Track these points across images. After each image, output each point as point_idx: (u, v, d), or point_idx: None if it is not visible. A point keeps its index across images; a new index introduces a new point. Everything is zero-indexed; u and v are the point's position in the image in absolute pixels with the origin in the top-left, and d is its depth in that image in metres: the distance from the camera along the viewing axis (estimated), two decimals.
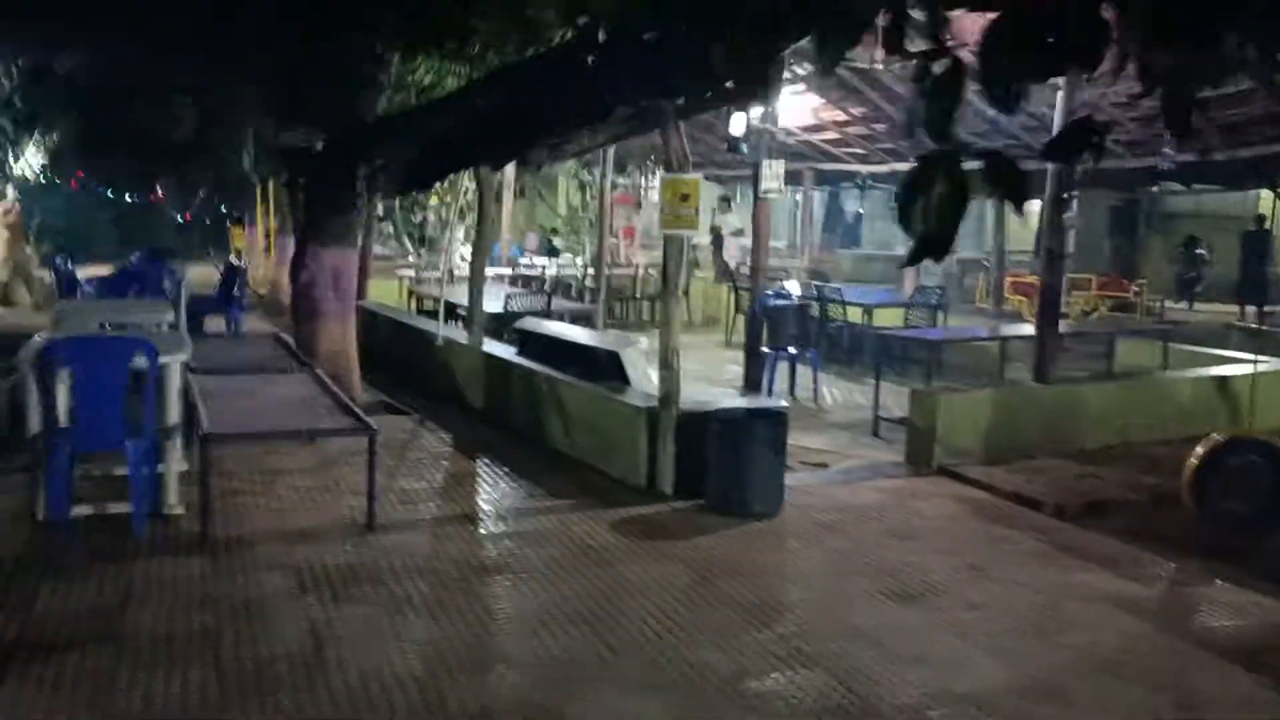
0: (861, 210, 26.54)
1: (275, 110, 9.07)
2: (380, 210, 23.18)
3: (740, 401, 6.67)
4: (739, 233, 17.14)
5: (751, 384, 10.14)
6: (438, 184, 14.14)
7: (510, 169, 18.06)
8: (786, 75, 10.87)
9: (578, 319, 10.55)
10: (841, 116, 12.45)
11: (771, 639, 4.34)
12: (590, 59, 5.59)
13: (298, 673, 3.89)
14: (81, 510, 5.46)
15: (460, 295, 10.06)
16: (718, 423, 6.08)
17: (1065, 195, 7.34)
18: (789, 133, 12.17)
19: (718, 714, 3.68)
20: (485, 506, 6.17)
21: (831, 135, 13.19)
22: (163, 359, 5.41)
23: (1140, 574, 5.29)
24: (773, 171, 10.27)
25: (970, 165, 1.72)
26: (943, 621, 4.60)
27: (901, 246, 21.56)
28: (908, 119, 11.32)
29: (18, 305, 15.02)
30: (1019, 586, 5.06)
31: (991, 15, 1.66)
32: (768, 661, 4.12)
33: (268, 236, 17.50)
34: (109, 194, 28.48)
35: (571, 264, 16.87)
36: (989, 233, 15.88)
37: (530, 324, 8.77)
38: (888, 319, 11.81)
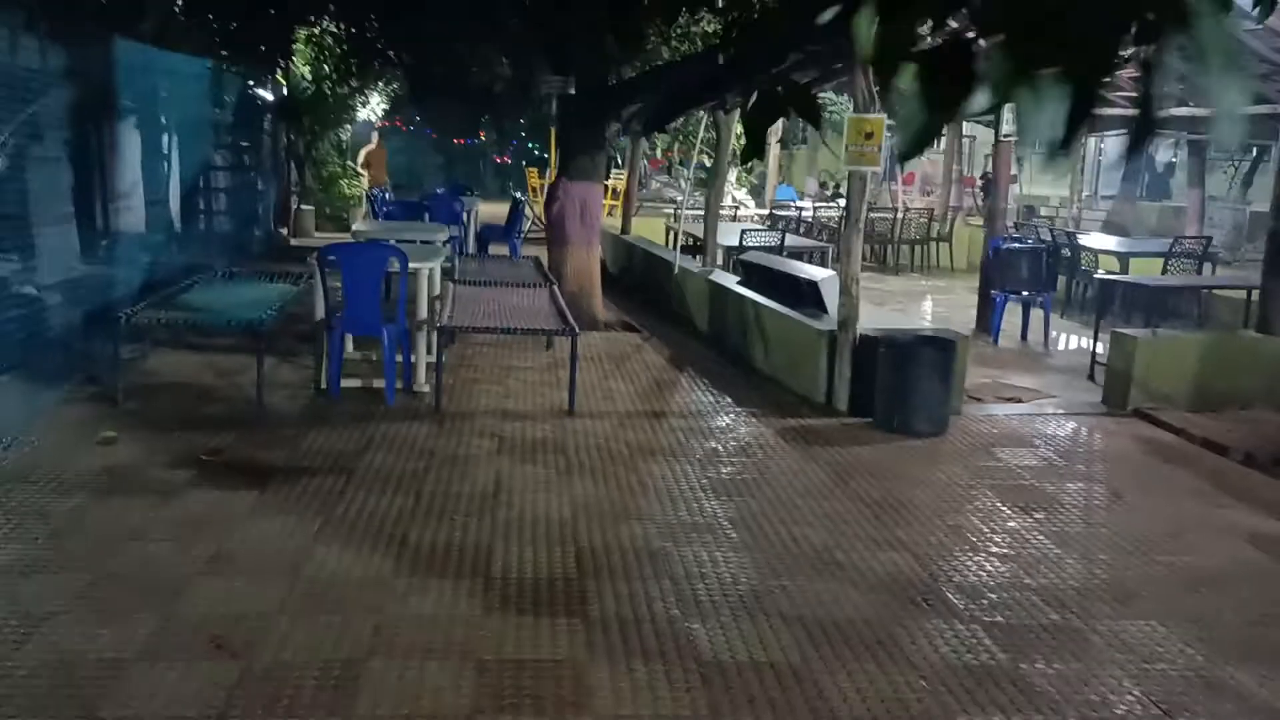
0: (1175, 159, 24.61)
1: (550, 66, 10.22)
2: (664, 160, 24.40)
3: (920, 331, 6.95)
4: (1014, 179, 16.73)
5: (984, 326, 10.26)
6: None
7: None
8: None
9: (802, 255, 11.03)
10: None
11: (875, 526, 4.85)
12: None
13: (476, 504, 4.89)
14: (351, 383, 6.83)
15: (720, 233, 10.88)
16: (886, 347, 6.51)
17: None
18: None
19: (793, 572, 4.28)
20: (674, 407, 6.97)
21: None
22: (413, 265, 6.61)
23: None
24: (1011, 114, 10.17)
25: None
26: (1051, 532, 4.89)
27: (1221, 202, 19.97)
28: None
29: None
30: (1151, 514, 5.20)
31: None
32: (862, 543, 4.65)
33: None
34: (438, 137, 31.80)
35: (836, 207, 17.18)
36: None
37: (752, 256, 9.42)
38: (1148, 268, 11.34)
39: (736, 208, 18.86)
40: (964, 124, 20.16)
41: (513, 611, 3.83)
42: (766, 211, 16.00)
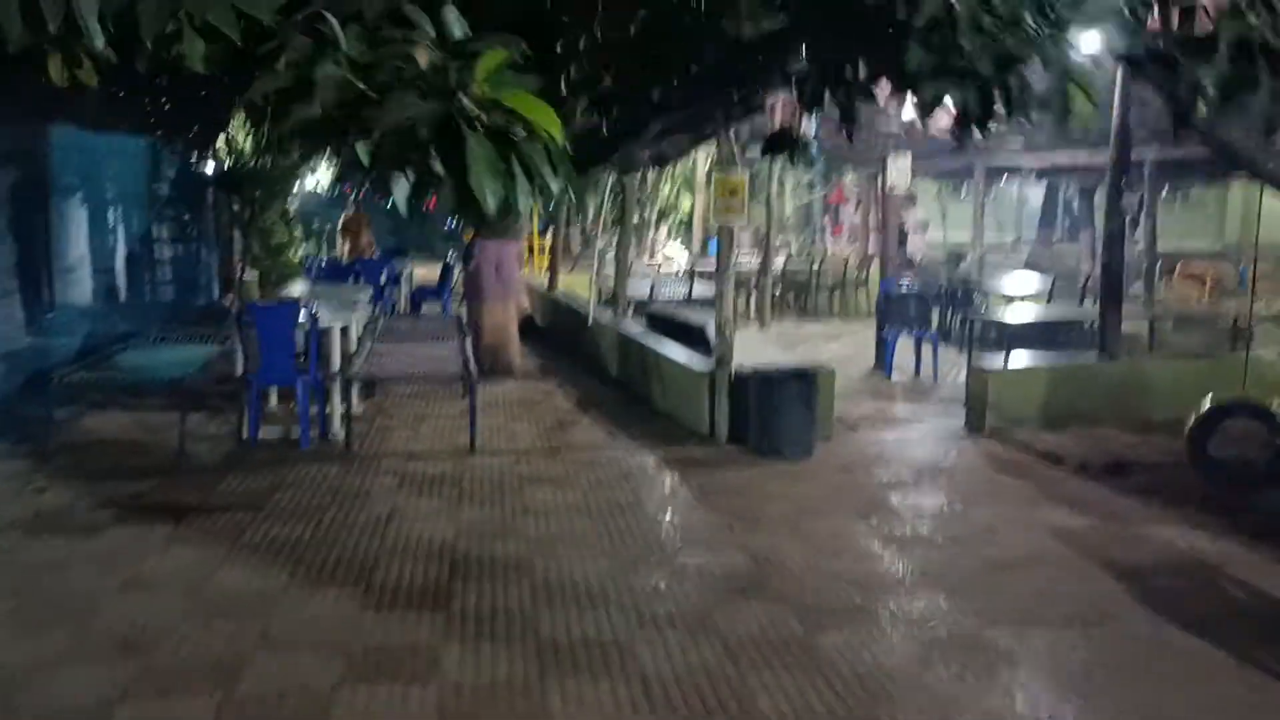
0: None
1: None
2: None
3: (785, 366, 7.66)
4: (925, 226, 17.68)
5: (880, 363, 11.02)
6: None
7: (701, 171, 19.51)
8: None
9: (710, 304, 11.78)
10: None
11: (724, 534, 5.50)
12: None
13: (370, 532, 5.48)
14: (272, 432, 7.41)
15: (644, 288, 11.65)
16: (755, 381, 7.21)
17: (1122, 187, 7.82)
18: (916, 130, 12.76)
19: (639, 571, 4.91)
20: (570, 443, 7.60)
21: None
22: (324, 323, 7.25)
23: (1103, 517, 5.92)
24: (898, 167, 11.08)
25: None
26: (881, 535, 5.56)
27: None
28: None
29: None
30: (975, 517, 5.89)
31: None
32: (707, 547, 5.29)
33: None
34: (387, 204, 32.66)
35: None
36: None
37: (655, 308, 10.17)
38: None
39: (662, 262, 19.67)
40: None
41: (385, 610, 4.42)
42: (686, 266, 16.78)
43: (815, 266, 16.71)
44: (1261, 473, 6.13)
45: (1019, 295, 12.57)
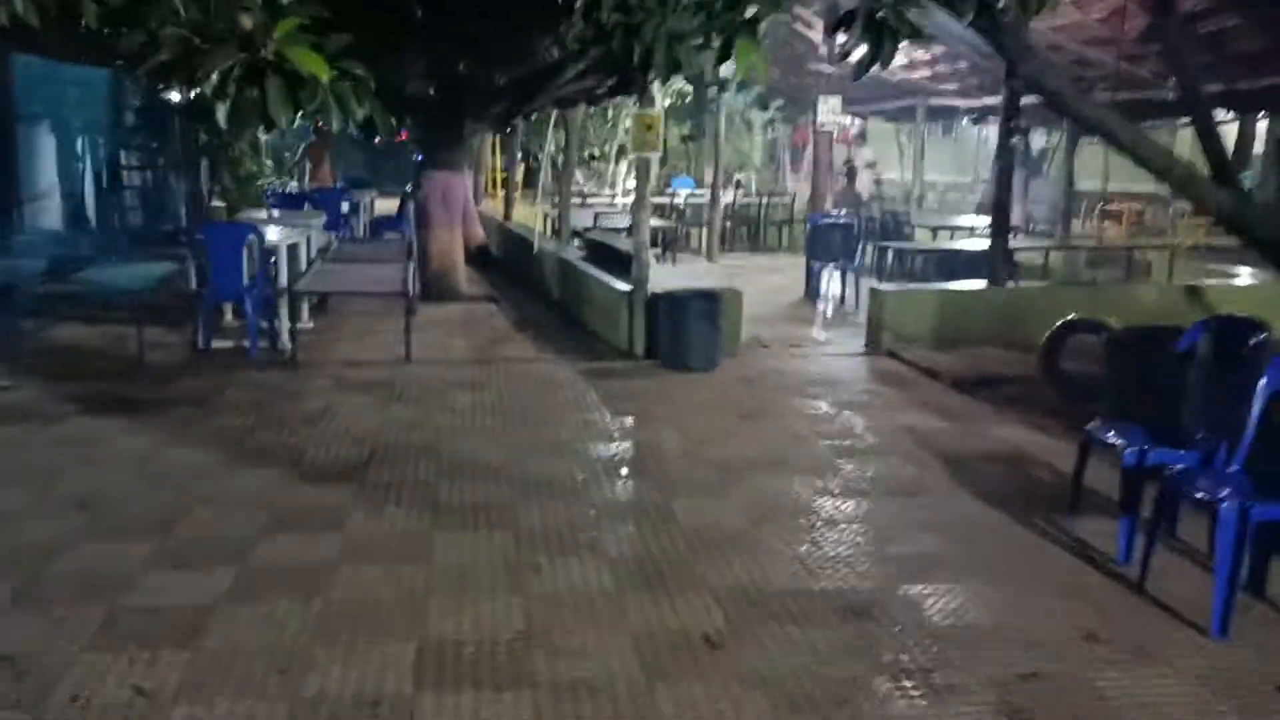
0: (1048, 145, 26.43)
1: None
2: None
3: (695, 287, 8.35)
4: (872, 165, 18.33)
5: (810, 292, 11.76)
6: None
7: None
8: None
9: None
10: (926, 55, 13.49)
11: (615, 429, 6.26)
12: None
13: (307, 423, 6.20)
14: (224, 343, 8.09)
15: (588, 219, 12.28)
16: (666, 301, 7.92)
17: (1011, 124, 8.50)
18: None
19: (535, 456, 5.67)
20: (499, 356, 8.32)
21: (925, 73, 14.22)
22: (270, 241, 7.90)
23: (955, 419, 6.70)
24: (828, 106, 11.71)
25: None
26: (751, 430, 6.32)
27: (1087, 180, 21.85)
28: None
29: None
30: (843, 419, 6.65)
31: None
32: (598, 438, 6.05)
33: None
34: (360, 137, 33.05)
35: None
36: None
37: (592, 235, 10.82)
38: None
39: (623, 195, 20.23)
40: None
41: (308, 483, 5.16)
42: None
43: (764, 202, 17.34)
44: (1098, 382, 6.90)
45: (945, 229, 13.27)
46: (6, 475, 5.15)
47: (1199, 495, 3.82)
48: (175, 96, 16.56)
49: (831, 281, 11.64)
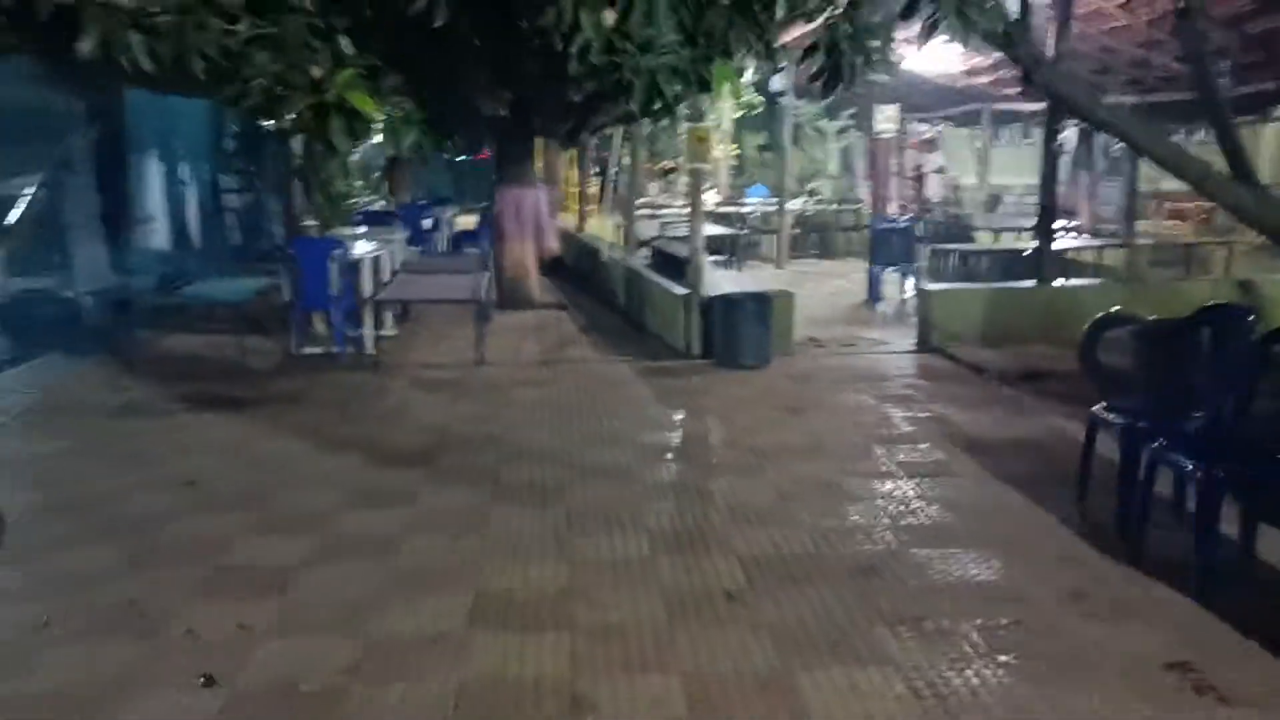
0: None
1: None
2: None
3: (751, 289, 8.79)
4: (941, 170, 18.47)
5: (871, 294, 12.09)
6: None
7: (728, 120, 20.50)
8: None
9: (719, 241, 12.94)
10: (987, 61, 13.70)
11: (665, 419, 6.75)
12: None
13: (384, 417, 6.84)
14: (314, 349, 8.82)
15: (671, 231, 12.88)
16: (720, 302, 8.38)
17: (1056, 128, 8.77)
18: (923, 79, 13.62)
19: (589, 443, 6.18)
20: (564, 358, 8.87)
21: (987, 78, 14.42)
22: (354, 256, 8.60)
23: (991, 410, 7.01)
24: (885, 115, 12.05)
25: None
26: (797, 423, 6.73)
27: (1167, 181, 21.69)
28: None
29: None
30: (883, 410, 7.02)
31: None
32: (648, 428, 6.54)
33: None
34: (448, 157, 34.41)
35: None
36: None
37: (658, 244, 11.34)
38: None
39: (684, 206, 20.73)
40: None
41: (382, 467, 5.76)
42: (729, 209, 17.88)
43: (834, 209, 17.66)
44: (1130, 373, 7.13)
45: (1008, 230, 13.44)
46: (125, 460, 5.87)
47: (1174, 459, 4.15)
48: (270, 123, 17.77)
49: (890, 284, 11.94)
